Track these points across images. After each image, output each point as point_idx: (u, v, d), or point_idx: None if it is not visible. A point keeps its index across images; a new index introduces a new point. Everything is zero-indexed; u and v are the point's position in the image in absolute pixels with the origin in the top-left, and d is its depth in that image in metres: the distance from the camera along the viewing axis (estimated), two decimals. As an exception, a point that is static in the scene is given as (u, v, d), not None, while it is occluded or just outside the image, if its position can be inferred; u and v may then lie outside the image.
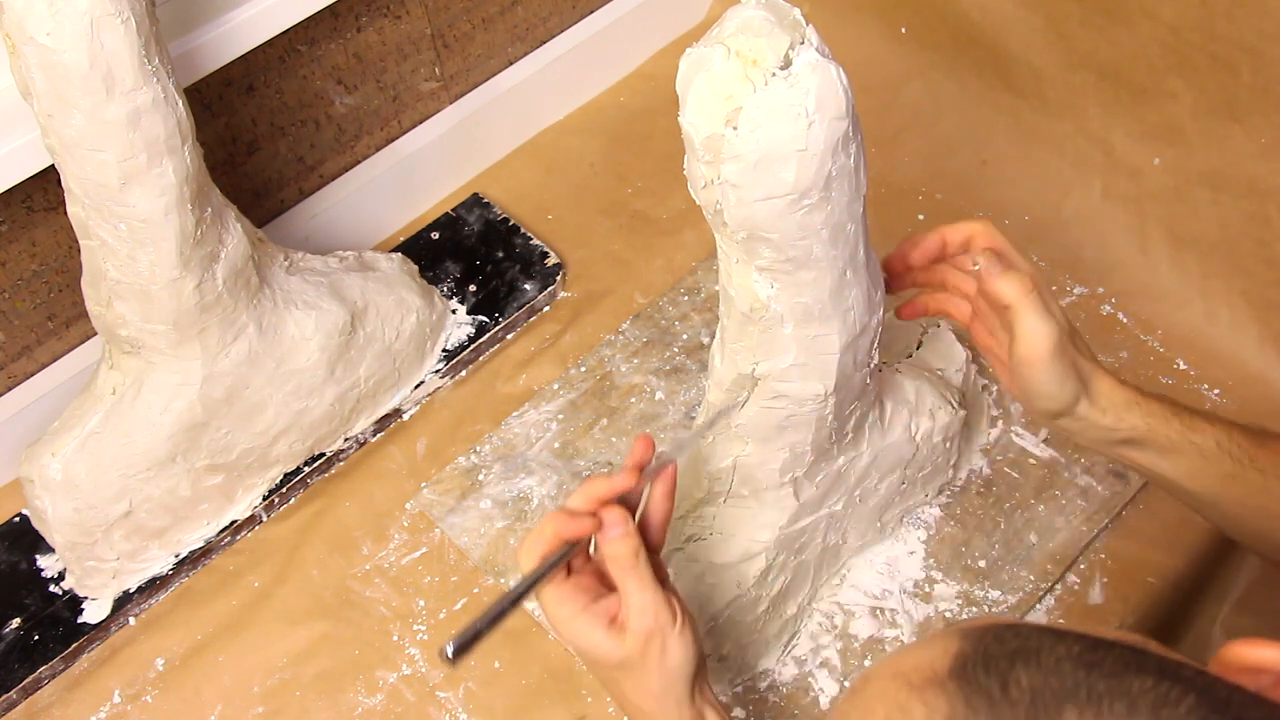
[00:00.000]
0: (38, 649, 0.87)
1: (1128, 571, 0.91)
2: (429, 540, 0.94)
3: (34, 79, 0.69)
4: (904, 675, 0.40)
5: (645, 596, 0.64)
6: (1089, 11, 1.01)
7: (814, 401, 0.70)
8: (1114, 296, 1.06)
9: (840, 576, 0.89)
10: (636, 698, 0.66)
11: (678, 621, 0.65)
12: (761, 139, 0.56)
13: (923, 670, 0.39)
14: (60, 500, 0.84)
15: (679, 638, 0.65)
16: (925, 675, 0.39)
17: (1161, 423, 0.72)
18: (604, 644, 0.64)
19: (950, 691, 0.38)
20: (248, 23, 0.88)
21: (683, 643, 0.65)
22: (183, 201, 0.76)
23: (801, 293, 0.64)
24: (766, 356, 0.68)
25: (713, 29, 0.57)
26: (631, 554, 0.64)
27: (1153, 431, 0.72)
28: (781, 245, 0.60)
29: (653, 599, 0.64)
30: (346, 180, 1.09)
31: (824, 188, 0.58)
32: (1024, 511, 0.93)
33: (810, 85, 0.55)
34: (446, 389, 1.03)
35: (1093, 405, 0.71)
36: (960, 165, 1.15)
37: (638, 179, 1.17)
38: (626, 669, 0.65)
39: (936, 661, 0.39)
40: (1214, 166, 0.99)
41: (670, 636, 0.64)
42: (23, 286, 0.91)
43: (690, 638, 0.66)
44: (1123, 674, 0.37)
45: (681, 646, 0.65)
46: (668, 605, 0.65)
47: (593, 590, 0.66)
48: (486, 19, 1.11)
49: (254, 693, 0.87)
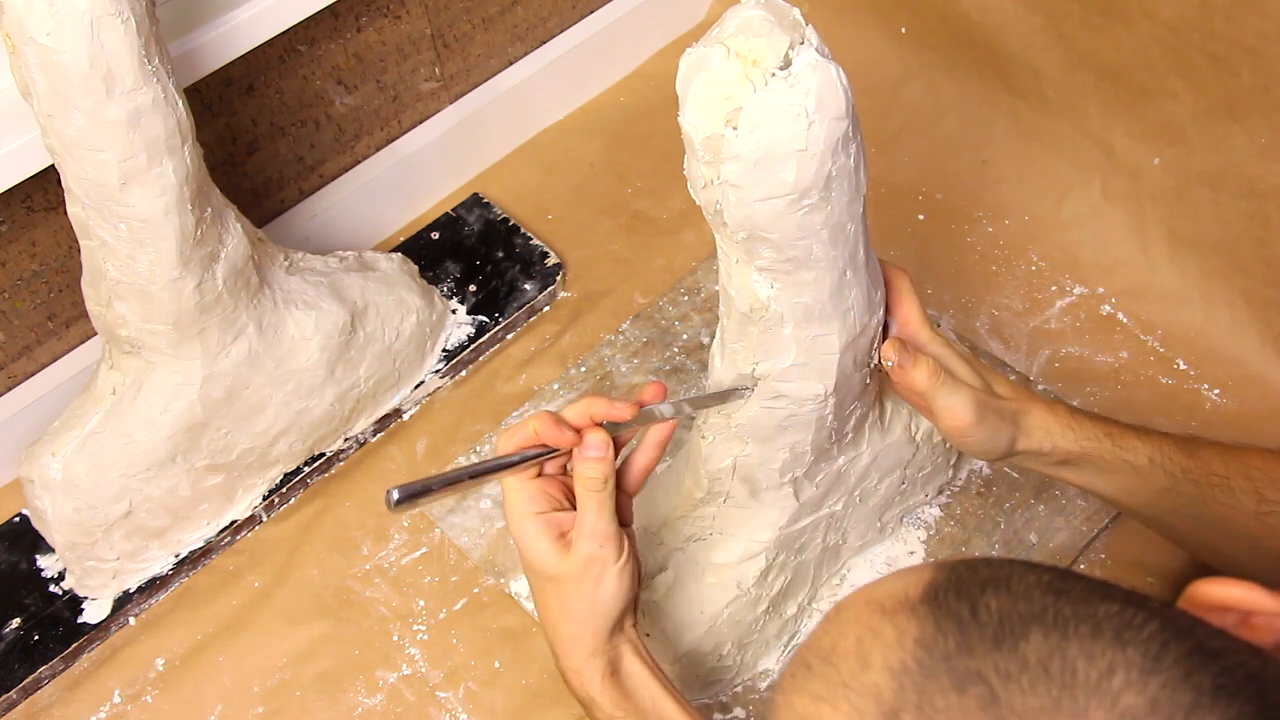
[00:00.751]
0: (38, 649, 0.87)
1: (1128, 571, 0.91)
2: (429, 540, 0.94)
3: (34, 79, 0.69)
4: (877, 601, 0.41)
5: (600, 523, 0.66)
6: (1089, 11, 1.01)
7: (814, 401, 0.70)
8: (1114, 296, 1.06)
9: (840, 576, 0.89)
10: (558, 617, 0.68)
11: (621, 558, 0.67)
12: (761, 139, 0.56)
13: (895, 596, 0.41)
14: (60, 500, 0.84)
15: (618, 574, 0.66)
16: (897, 600, 0.40)
17: (1095, 443, 0.73)
18: (546, 553, 0.66)
19: (921, 615, 0.39)
20: (248, 23, 0.88)
21: (620, 580, 0.67)
22: (183, 201, 0.76)
23: (801, 293, 0.64)
24: (766, 356, 0.68)
25: (713, 29, 0.57)
26: (601, 479, 0.66)
27: (1087, 453, 0.74)
28: (781, 245, 0.60)
29: (605, 528, 0.66)
30: (346, 180, 1.09)
31: (824, 188, 0.58)
32: (1024, 511, 0.93)
33: (810, 85, 0.55)
34: (446, 389, 1.03)
35: (1029, 439, 0.73)
36: (960, 165, 1.15)
37: (638, 179, 1.17)
38: (557, 584, 0.67)
39: (909, 589, 0.40)
40: (1214, 166, 0.99)
41: (610, 569, 0.66)
42: (23, 286, 0.91)
43: (629, 579, 0.67)
44: (1089, 600, 0.38)
45: (617, 583, 0.66)
46: (616, 539, 0.66)
47: (554, 501, 0.68)
48: (486, 19, 1.11)
49: (254, 693, 0.87)
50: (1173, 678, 0.35)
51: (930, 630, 0.38)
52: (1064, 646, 0.36)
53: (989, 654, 0.36)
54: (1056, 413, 0.74)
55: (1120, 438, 0.74)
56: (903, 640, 0.38)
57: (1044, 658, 0.36)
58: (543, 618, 0.70)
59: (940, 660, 0.37)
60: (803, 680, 0.41)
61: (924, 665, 0.37)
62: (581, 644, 0.68)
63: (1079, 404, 0.99)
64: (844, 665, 0.39)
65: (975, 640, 0.37)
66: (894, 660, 0.38)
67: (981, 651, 0.37)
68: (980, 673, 0.36)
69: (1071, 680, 0.35)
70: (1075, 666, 0.35)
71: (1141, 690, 0.35)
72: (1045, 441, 0.73)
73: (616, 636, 0.69)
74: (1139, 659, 0.35)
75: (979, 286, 1.08)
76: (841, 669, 0.39)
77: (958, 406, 0.70)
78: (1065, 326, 1.05)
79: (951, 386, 0.70)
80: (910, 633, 0.38)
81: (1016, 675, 0.36)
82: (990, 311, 1.06)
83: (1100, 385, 1.01)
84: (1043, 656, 0.36)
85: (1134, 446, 0.74)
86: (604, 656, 0.68)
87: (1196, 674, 0.35)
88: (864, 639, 0.39)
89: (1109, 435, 0.74)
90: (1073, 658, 0.36)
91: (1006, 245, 1.10)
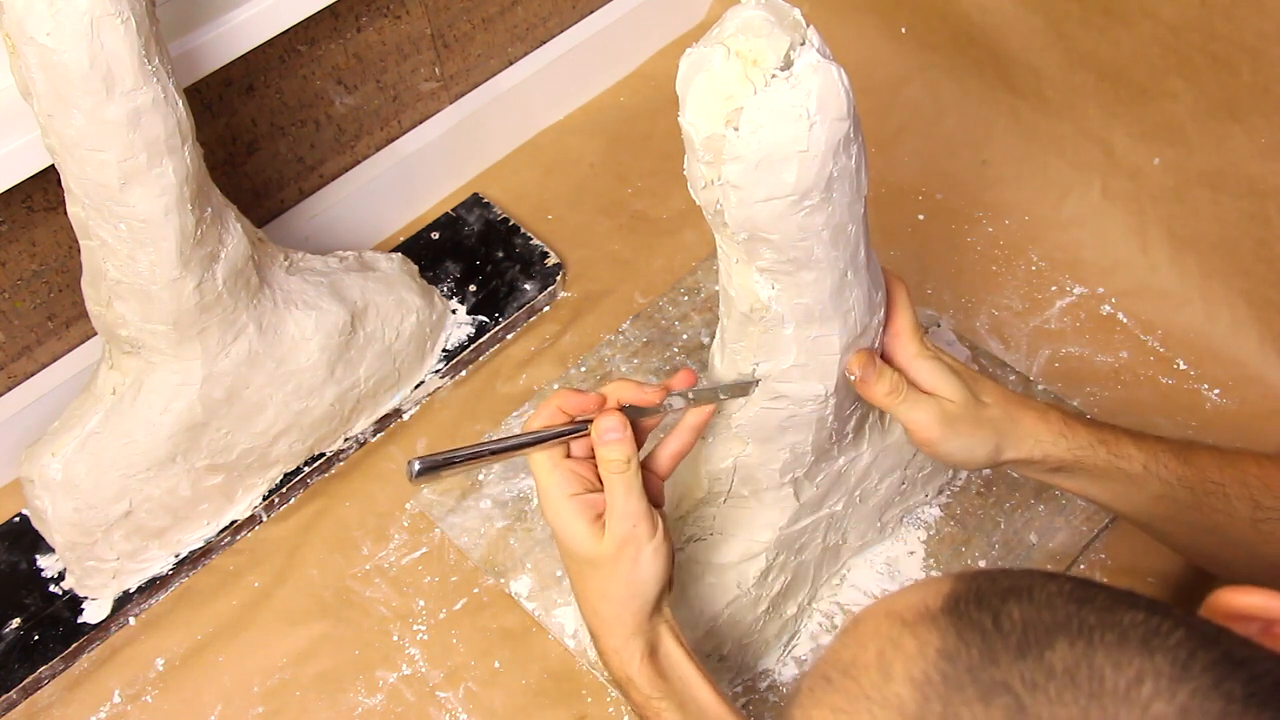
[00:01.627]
0: (38, 649, 0.87)
1: (1128, 571, 0.91)
2: (429, 540, 0.94)
3: (34, 79, 0.69)
4: (896, 613, 0.41)
5: (630, 504, 0.66)
6: (1089, 11, 1.01)
7: (814, 402, 0.70)
8: (1114, 296, 1.06)
9: (840, 576, 0.89)
10: (598, 600, 0.68)
11: (655, 536, 0.67)
12: (763, 140, 0.55)
13: (915, 608, 0.40)
14: (60, 500, 0.84)
15: (654, 553, 0.67)
16: (918, 612, 0.40)
17: (1088, 451, 0.74)
18: (582, 536, 0.67)
19: (943, 626, 0.38)
20: (248, 23, 0.88)
21: (655, 559, 0.67)
22: (183, 201, 0.76)
23: (802, 294, 0.64)
24: (767, 357, 0.68)
25: (713, 29, 0.57)
26: (623, 459, 0.66)
27: (1079, 461, 0.74)
28: (782, 246, 0.60)
29: (636, 508, 0.66)
30: (346, 180, 1.09)
31: (825, 189, 0.58)
32: (1024, 511, 0.93)
33: (812, 86, 0.55)
34: (446, 389, 1.03)
35: (1018, 448, 0.73)
36: (960, 165, 1.15)
37: (638, 179, 1.17)
38: (595, 568, 0.67)
39: (929, 600, 0.40)
40: (1214, 166, 0.99)
41: (645, 549, 0.66)
42: (23, 286, 0.91)
43: (664, 557, 0.68)
44: (1114, 608, 0.38)
45: (653, 562, 0.67)
46: (649, 518, 0.67)
47: (588, 482, 0.68)
48: (486, 19, 1.11)
49: (254, 693, 0.87)
50: (1202, 685, 0.34)
51: (953, 641, 0.38)
52: (1091, 655, 0.36)
53: (1014, 664, 0.36)
54: (1049, 420, 0.74)
55: (1114, 445, 0.74)
56: (925, 651, 0.38)
57: (1071, 666, 0.35)
58: (580, 600, 0.70)
59: (964, 671, 0.37)
60: (822, 694, 0.40)
61: (948, 676, 0.37)
62: (621, 624, 0.68)
63: (1079, 404, 0.99)
64: (865, 677, 0.39)
65: (999, 650, 0.37)
66: (917, 671, 0.37)
67: (1006, 661, 0.36)
68: (1006, 683, 0.36)
69: (1100, 688, 0.35)
70: (1103, 674, 0.35)
71: (1171, 698, 0.34)
72: (1035, 450, 0.74)
73: (655, 618, 0.69)
74: (1167, 666, 0.35)
75: (979, 286, 1.08)
76: (862, 681, 0.39)
77: (921, 420, 0.71)
78: (1065, 326, 1.05)
79: (914, 401, 0.71)
80: (932, 644, 0.38)
81: (1043, 684, 0.35)
82: (990, 311, 1.06)
83: (1100, 385, 1.01)
84: (1069, 665, 0.35)
85: (1129, 454, 0.74)
86: (643, 637, 0.69)
87: (1226, 681, 0.35)
88: (885, 651, 0.39)
89: (1103, 442, 0.74)
90: (1100, 666, 0.35)
91: (1006, 245, 1.11)
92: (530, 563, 0.92)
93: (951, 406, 0.71)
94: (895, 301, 0.73)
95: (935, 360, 0.73)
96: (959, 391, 0.72)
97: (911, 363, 0.72)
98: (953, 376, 0.73)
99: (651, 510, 0.67)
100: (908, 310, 0.73)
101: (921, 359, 0.72)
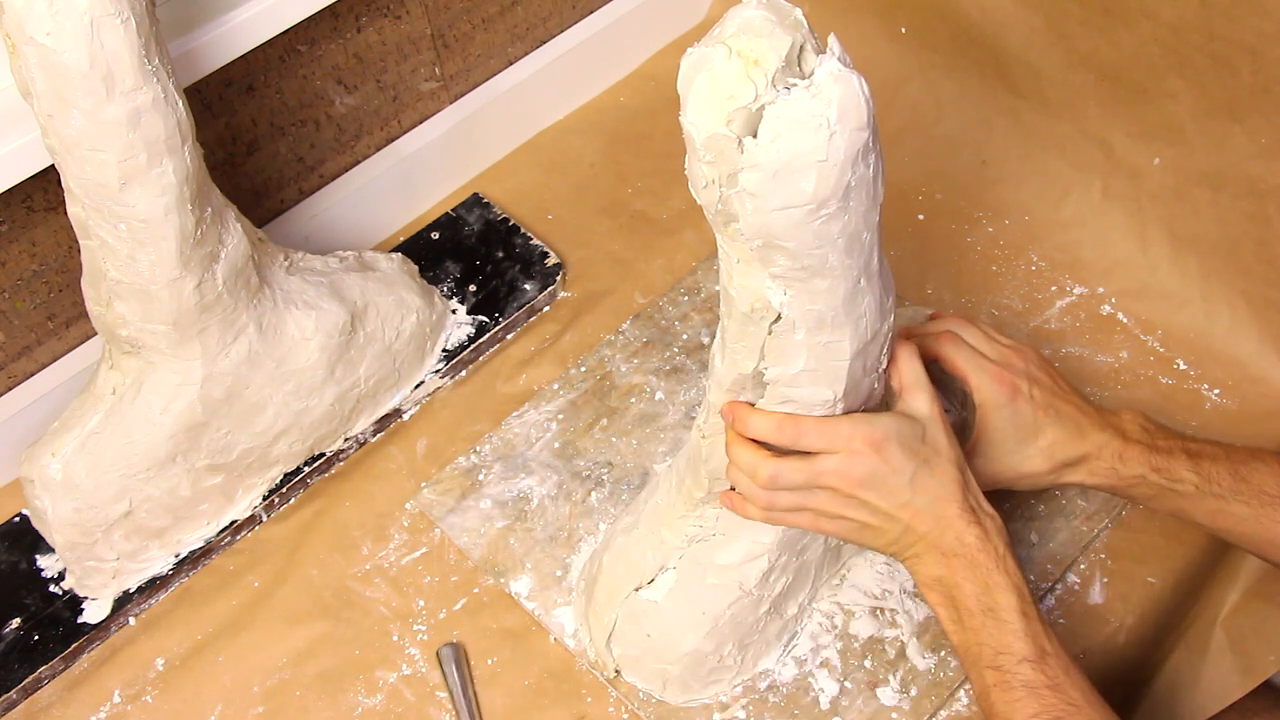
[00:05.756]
0: (38, 649, 0.87)
1: (1128, 571, 0.91)
2: (429, 540, 0.94)
3: (34, 79, 0.69)
4: None
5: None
6: (1089, 11, 1.01)
7: (823, 406, 0.70)
8: (1114, 296, 1.06)
9: (841, 576, 0.89)
10: (959, 459, 0.74)
11: None
12: (782, 149, 0.55)
13: None
14: (60, 500, 0.84)
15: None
16: None
17: (1139, 485, 0.80)
18: None
19: None
20: (248, 23, 0.88)
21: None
22: (183, 201, 0.76)
23: (815, 300, 0.63)
24: (777, 362, 0.68)
25: (714, 29, 0.57)
26: None
27: (1130, 488, 0.81)
28: (797, 254, 0.60)
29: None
30: (346, 180, 1.09)
31: (842, 198, 0.58)
32: (1024, 511, 0.93)
33: (832, 96, 0.55)
34: (446, 389, 1.03)
35: (1068, 478, 0.82)
36: (960, 165, 1.15)
37: (638, 179, 1.17)
38: (934, 424, 0.73)
39: None
40: (1214, 166, 0.99)
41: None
42: (23, 286, 0.91)
43: None
44: None
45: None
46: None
47: None
48: (486, 19, 1.11)
49: (254, 693, 0.87)
50: None
51: None
52: None
53: None
54: (1095, 472, 0.81)
55: (1167, 470, 0.79)
56: None
57: None
58: (940, 468, 0.73)
59: None
60: None
61: None
62: (995, 467, 0.79)
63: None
64: None
65: None
66: None
67: None
68: None
69: None
70: None
71: None
72: (1088, 480, 0.82)
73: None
74: None
75: (979, 286, 1.08)
76: None
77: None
78: (1065, 326, 1.05)
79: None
80: None
81: None
82: (990, 311, 1.06)
83: (1100, 385, 1.01)
84: None
85: (1180, 477, 0.79)
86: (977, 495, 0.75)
87: None
88: None
89: (1156, 470, 0.79)
90: None
91: (1006, 245, 1.11)
92: (530, 563, 0.92)
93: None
94: (898, 360, 0.75)
95: (938, 421, 0.76)
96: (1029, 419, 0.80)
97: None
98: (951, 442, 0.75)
99: None
100: (913, 364, 0.75)
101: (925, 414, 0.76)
